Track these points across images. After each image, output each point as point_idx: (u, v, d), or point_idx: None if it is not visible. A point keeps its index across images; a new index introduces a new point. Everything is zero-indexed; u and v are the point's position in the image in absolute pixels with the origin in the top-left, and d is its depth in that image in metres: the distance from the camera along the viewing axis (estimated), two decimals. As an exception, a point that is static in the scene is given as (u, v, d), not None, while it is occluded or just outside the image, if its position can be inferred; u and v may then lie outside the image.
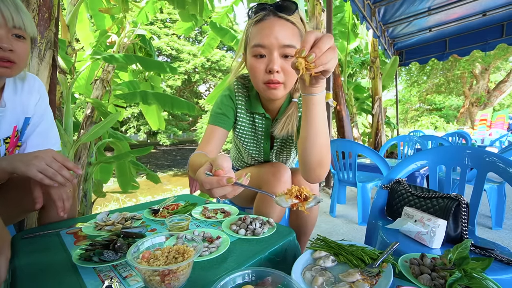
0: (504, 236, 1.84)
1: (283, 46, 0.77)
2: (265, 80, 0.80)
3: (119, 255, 0.56)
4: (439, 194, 0.88)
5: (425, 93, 18.77)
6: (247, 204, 1.16)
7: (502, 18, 4.60)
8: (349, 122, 4.52)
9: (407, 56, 6.11)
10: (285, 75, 0.80)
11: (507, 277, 0.64)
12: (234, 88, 0.99)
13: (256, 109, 0.97)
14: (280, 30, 0.77)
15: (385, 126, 5.68)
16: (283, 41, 0.76)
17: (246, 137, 1.05)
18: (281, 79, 0.80)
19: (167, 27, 16.23)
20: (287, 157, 1.12)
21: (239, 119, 1.00)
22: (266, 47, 0.78)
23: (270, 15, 0.79)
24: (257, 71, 0.80)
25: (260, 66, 0.80)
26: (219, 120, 0.94)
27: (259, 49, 0.78)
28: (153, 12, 4.03)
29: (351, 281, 0.51)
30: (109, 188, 6.16)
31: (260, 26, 0.79)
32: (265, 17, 0.79)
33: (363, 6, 3.98)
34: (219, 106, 0.96)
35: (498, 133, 6.61)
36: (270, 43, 0.77)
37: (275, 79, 0.79)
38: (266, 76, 0.80)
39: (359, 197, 2.06)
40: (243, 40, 0.88)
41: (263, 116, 1.00)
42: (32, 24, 0.78)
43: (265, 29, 0.78)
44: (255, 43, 0.79)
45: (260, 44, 0.78)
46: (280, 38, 0.76)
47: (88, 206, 2.84)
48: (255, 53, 0.80)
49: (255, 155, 1.10)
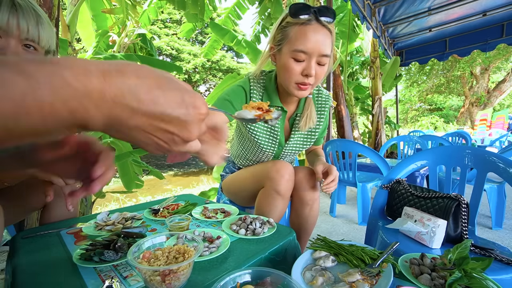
0: (504, 236, 1.84)
1: (321, 55, 0.84)
2: (299, 81, 0.87)
3: (120, 255, 0.56)
4: (439, 194, 0.88)
5: (425, 93, 18.77)
6: (248, 204, 1.16)
7: (502, 18, 4.60)
8: (349, 122, 4.52)
9: (407, 56, 6.11)
10: (315, 79, 0.87)
11: (507, 277, 0.65)
12: (250, 82, 1.00)
13: (275, 102, 1.02)
14: (323, 39, 0.82)
15: (385, 126, 5.68)
16: (323, 51, 0.83)
17: (261, 130, 1.05)
18: (312, 82, 0.87)
19: (168, 27, 16.23)
20: (299, 150, 1.14)
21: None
22: (308, 54, 0.83)
23: (314, 20, 0.82)
24: (294, 72, 0.86)
25: (297, 68, 0.85)
26: (223, 106, 0.95)
27: (300, 54, 0.83)
28: (155, 15, 4.03)
29: (351, 281, 0.51)
30: (109, 188, 6.16)
31: (304, 30, 0.82)
32: (310, 21, 0.82)
33: (363, 6, 3.98)
34: (228, 93, 0.98)
35: (498, 133, 6.61)
36: (312, 51, 0.82)
37: (308, 82, 0.86)
38: (300, 78, 0.86)
39: (359, 197, 2.06)
40: (277, 33, 0.89)
41: (281, 109, 1.03)
42: (51, 39, 0.78)
43: (310, 36, 0.81)
44: (298, 48, 0.82)
45: (303, 50, 0.82)
46: (321, 48, 0.82)
47: (88, 206, 2.84)
48: (295, 56, 0.84)
49: (267, 148, 1.07)
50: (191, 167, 14.77)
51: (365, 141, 7.00)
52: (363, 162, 2.54)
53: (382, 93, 5.33)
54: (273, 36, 0.91)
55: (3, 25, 0.69)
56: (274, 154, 1.10)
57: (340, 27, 5.11)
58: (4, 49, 0.71)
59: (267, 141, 1.06)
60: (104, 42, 3.34)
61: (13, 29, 0.70)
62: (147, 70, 0.27)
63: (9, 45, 0.71)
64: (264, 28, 5.18)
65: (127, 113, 0.25)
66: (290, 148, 1.11)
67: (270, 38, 0.93)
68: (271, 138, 1.06)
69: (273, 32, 0.91)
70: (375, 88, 5.25)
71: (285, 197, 0.94)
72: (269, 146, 1.07)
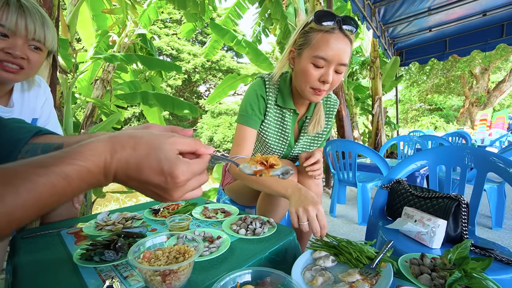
0: (504, 236, 1.84)
1: (340, 64, 0.85)
2: (315, 87, 0.89)
3: (120, 255, 0.56)
4: (439, 194, 0.88)
5: (425, 93, 18.77)
6: (249, 203, 1.16)
7: (502, 18, 4.60)
8: (349, 122, 4.52)
9: (407, 56, 6.11)
10: (330, 86, 0.89)
11: (507, 277, 0.65)
12: (266, 85, 1.01)
13: (288, 105, 1.03)
14: (344, 48, 0.84)
15: (385, 126, 5.68)
16: (343, 60, 0.85)
17: (272, 130, 1.06)
18: (327, 88, 0.90)
19: (168, 27, 16.23)
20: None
21: (268, 114, 1.03)
22: (327, 61, 0.84)
23: (337, 29, 0.84)
24: (311, 77, 0.87)
25: (315, 74, 0.87)
26: (252, 122, 0.99)
27: (320, 61, 0.85)
28: (155, 15, 4.03)
29: (351, 281, 0.51)
30: (109, 188, 6.15)
31: (327, 37, 0.84)
32: (333, 29, 0.84)
33: (363, 6, 3.98)
34: (251, 105, 0.99)
35: (498, 133, 6.61)
36: (332, 59, 0.84)
37: (324, 88, 0.89)
38: (317, 84, 0.88)
39: (359, 197, 2.06)
40: (299, 37, 0.91)
41: (293, 111, 1.05)
42: (54, 39, 0.81)
43: (332, 43, 0.83)
44: (319, 54, 0.84)
45: (324, 57, 0.84)
46: (341, 57, 0.84)
47: (88, 206, 2.84)
48: (314, 62, 0.86)
49: (277, 149, 1.09)
50: (191, 167, 14.70)
51: (365, 141, 7.00)
52: (363, 162, 2.54)
53: (382, 93, 5.33)
54: (294, 40, 0.92)
55: (12, 26, 0.70)
56: (283, 154, 1.11)
57: (340, 27, 5.10)
58: (12, 48, 0.72)
59: (277, 142, 1.07)
60: (104, 42, 3.34)
61: (21, 30, 0.72)
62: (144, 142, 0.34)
63: (17, 45, 0.73)
64: (265, 28, 5.18)
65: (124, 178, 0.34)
66: (298, 149, 1.12)
67: (290, 41, 0.94)
68: (282, 139, 1.07)
69: (294, 36, 0.93)
70: (375, 88, 5.25)
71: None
72: (279, 147, 1.08)
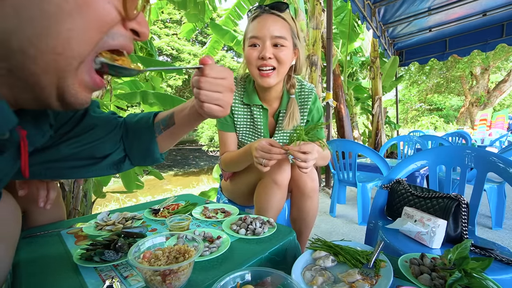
0: (504, 236, 1.84)
1: (274, 37, 0.91)
2: (258, 64, 0.93)
3: (120, 255, 0.56)
4: (439, 194, 0.88)
5: (425, 93, 18.76)
6: (246, 202, 1.16)
7: (502, 18, 4.61)
8: (349, 122, 4.53)
9: (407, 56, 6.11)
10: (277, 62, 0.93)
11: (507, 277, 0.65)
12: None
13: (253, 101, 1.06)
14: (272, 23, 0.91)
15: (385, 126, 5.68)
16: (274, 32, 0.90)
17: (245, 129, 1.11)
18: (274, 64, 0.93)
19: (168, 27, 16.23)
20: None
21: (236, 113, 1.08)
22: (260, 38, 0.91)
23: (265, 13, 0.93)
24: (252, 57, 0.93)
25: (254, 53, 0.93)
26: (226, 126, 1.08)
27: (253, 40, 0.92)
28: (156, 15, 4.04)
29: (351, 281, 0.51)
30: (109, 188, 6.16)
31: (255, 21, 0.94)
32: (260, 13, 0.93)
33: (363, 6, 3.98)
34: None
35: (498, 133, 6.60)
36: (263, 34, 0.90)
37: (269, 63, 0.92)
38: (259, 61, 0.93)
39: (359, 197, 2.06)
40: (243, 38, 1.00)
41: (261, 107, 1.08)
42: None
43: (259, 23, 0.92)
44: (251, 35, 0.93)
45: (255, 35, 0.92)
46: (272, 30, 0.90)
47: (88, 206, 2.83)
48: (250, 43, 0.94)
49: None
50: (191, 167, 14.77)
51: (365, 141, 7.00)
52: (363, 162, 2.54)
53: (382, 93, 5.34)
54: (242, 42, 1.01)
55: None
56: None
57: (340, 27, 5.11)
58: None
59: (250, 139, 1.11)
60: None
61: None
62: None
63: None
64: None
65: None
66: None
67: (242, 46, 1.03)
68: (255, 135, 1.11)
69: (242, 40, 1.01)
70: (375, 88, 5.25)
71: (282, 186, 0.94)
72: (252, 141, 1.09)
